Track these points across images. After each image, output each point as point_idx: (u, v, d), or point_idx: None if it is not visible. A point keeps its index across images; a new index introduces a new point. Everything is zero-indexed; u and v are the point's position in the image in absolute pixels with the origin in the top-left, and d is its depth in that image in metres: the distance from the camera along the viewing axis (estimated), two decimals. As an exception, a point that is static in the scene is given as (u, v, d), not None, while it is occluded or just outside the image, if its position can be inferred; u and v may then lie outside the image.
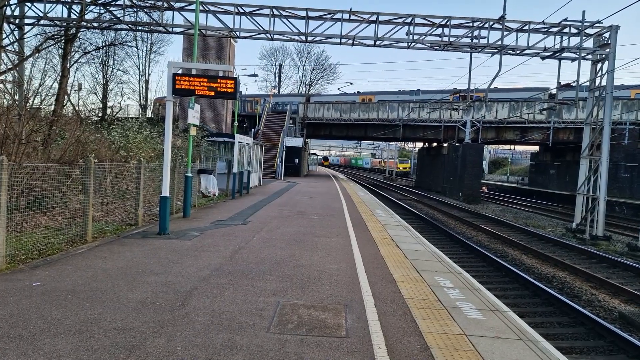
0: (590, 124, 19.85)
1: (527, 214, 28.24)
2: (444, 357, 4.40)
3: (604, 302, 10.04)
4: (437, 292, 6.67)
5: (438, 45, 19.80)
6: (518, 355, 4.56)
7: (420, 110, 40.11)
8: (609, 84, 18.51)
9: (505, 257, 14.62)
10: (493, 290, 9.81)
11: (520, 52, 19.40)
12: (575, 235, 19.39)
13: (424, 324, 5.30)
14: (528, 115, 36.99)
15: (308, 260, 8.15)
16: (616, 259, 14.26)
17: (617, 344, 7.43)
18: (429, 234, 17.69)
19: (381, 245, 10.08)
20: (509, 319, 5.68)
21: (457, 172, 36.67)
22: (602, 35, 18.79)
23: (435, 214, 25.99)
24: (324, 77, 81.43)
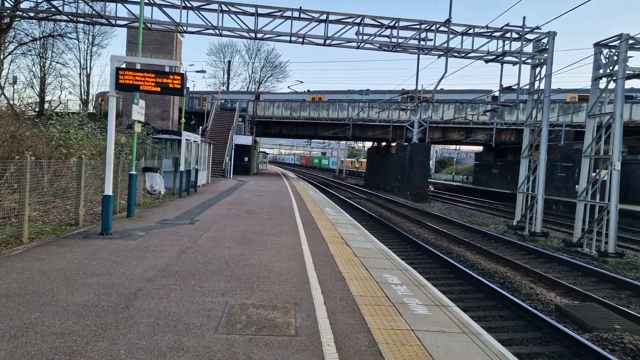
0: (529, 125, 20.72)
1: (472, 212, 29.19)
2: (391, 353, 4.47)
3: (542, 296, 10.50)
4: (385, 289, 6.77)
5: (387, 46, 20.12)
6: (461, 348, 4.70)
7: (369, 110, 40.66)
8: (546, 87, 19.39)
9: (450, 253, 15.04)
10: (439, 286, 10.06)
11: (465, 54, 20.01)
12: (516, 232, 20.21)
13: (372, 320, 5.37)
14: (472, 116, 38.23)
15: (257, 260, 8.08)
16: (553, 254, 14.98)
17: (553, 335, 7.80)
18: (378, 232, 17.95)
19: (331, 244, 10.13)
20: (453, 313, 5.84)
21: (405, 171, 37.43)
22: (541, 41, 19.67)
23: (384, 212, 26.41)
24: (274, 75, 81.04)
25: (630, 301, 10.51)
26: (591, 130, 16.91)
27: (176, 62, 12.26)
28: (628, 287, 11.39)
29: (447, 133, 41.01)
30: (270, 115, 42.25)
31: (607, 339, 7.82)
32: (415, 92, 29.85)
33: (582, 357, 6.95)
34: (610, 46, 16.25)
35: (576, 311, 8.95)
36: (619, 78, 15.70)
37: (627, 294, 11.03)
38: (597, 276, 12.53)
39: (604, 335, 7.97)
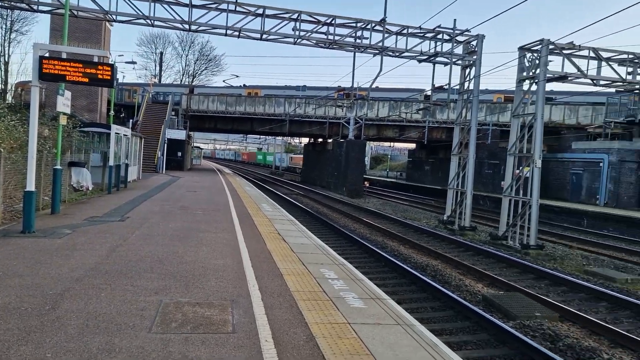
0: (459, 124, 21.60)
1: (405, 208, 30.04)
2: (328, 346, 4.53)
3: (470, 287, 11.00)
4: (323, 283, 6.84)
5: (323, 43, 20.24)
6: (396, 338, 4.84)
7: (306, 106, 40.79)
8: (475, 88, 20.28)
9: (385, 248, 15.41)
10: (374, 279, 10.29)
11: (400, 54, 20.52)
12: (447, 227, 21.03)
13: (310, 315, 5.41)
14: (406, 114, 39.29)
15: (193, 257, 7.91)
16: (480, 247, 15.72)
17: (481, 324, 8.19)
18: (315, 228, 18.07)
19: (268, 240, 10.10)
20: (388, 306, 6.00)
21: (341, 167, 37.90)
22: (470, 43, 20.52)
23: (320, 208, 26.62)
24: (208, 69, 79.32)
25: (549, 290, 11.22)
26: (515, 130, 17.86)
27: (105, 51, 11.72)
28: (547, 277, 12.16)
29: (382, 130, 41.91)
30: (205, 110, 41.39)
31: (528, 326, 8.31)
32: (351, 90, 30.30)
33: (507, 344, 7.35)
34: (533, 50, 17.23)
35: (501, 301, 9.45)
36: (540, 81, 16.68)
37: (546, 284, 11.78)
38: (520, 267, 13.28)
39: (526, 322, 8.46)
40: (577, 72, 16.98)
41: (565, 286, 11.44)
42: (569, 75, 17.01)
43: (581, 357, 7.08)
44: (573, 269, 13.72)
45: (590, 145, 32.71)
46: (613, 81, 17.69)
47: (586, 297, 10.65)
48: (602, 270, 13.37)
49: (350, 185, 36.35)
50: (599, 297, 10.49)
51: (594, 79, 17.29)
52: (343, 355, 4.35)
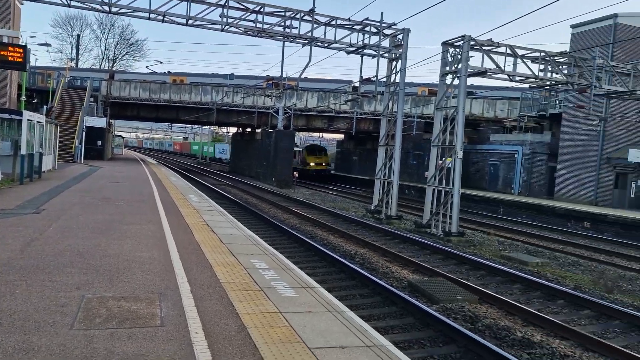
0: (386, 115, 22.15)
1: (334, 197, 30.47)
2: (260, 335, 4.52)
3: (397, 273, 11.38)
4: (253, 274, 6.80)
5: (252, 31, 19.95)
6: (326, 325, 4.92)
7: (234, 95, 40.12)
8: (401, 80, 20.85)
9: (315, 237, 15.57)
10: (305, 269, 10.37)
11: (329, 45, 20.64)
12: (374, 216, 21.57)
13: (241, 305, 5.37)
14: (335, 105, 39.71)
15: (117, 250, 7.58)
16: (406, 235, 16.28)
17: (407, 308, 8.51)
18: (244, 219, 17.91)
19: (196, 231, 9.88)
20: (319, 294, 6.07)
21: (270, 157, 37.74)
22: (397, 37, 21.04)
23: (249, 199, 26.40)
24: (130, 54, 75.75)
25: (469, 274, 11.85)
26: (439, 122, 18.58)
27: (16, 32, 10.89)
28: (467, 262, 12.83)
29: (311, 121, 42.11)
30: (127, 97, 39.60)
31: (450, 309, 8.74)
32: (280, 80, 30.15)
33: (431, 326, 7.68)
34: (455, 46, 17.94)
35: (425, 286, 9.85)
36: (462, 75, 17.44)
37: (466, 269, 12.42)
38: (443, 254, 13.90)
39: (449, 305, 8.89)
40: (495, 68, 17.89)
41: (484, 270, 12.12)
42: (488, 71, 17.89)
43: (498, 336, 7.54)
44: (491, 254, 14.55)
45: (506, 138, 34.72)
46: (527, 77, 18.81)
47: (502, 280, 11.34)
48: (516, 255, 14.29)
49: (280, 176, 36.32)
50: (514, 280, 11.22)
51: (511, 74, 18.29)
52: (275, 343, 4.37)
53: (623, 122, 26.79)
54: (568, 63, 19.52)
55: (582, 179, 28.48)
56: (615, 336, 8.03)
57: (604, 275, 12.23)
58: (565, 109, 29.60)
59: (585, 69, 19.38)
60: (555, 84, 20.15)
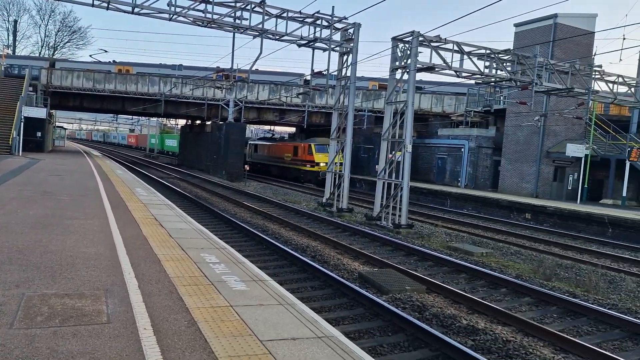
0: (337, 109, 22.28)
1: (286, 191, 30.41)
2: (211, 330, 4.48)
3: (347, 265, 11.52)
4: (204, 268, 6.71)
5: (201, 21, 19.54)
6: (278, 318, 4.93)
7: (183, 86, 39.21)
8: (352, 74, 21.02)
9: (266, 231, 15.51)
10: (256, 262, 10.33)
11: (280, 37, 20.52)
12: (326, 209, 21.71)
13: (191, 300, 5.29)
14: (286, 98, 39.56)
15: (59, 246, 7.29)
16: (357, 228, 16.49)
17: (357, 299, 8.64)
18: (194, 212, 17.62)
19: (144, 225, 9.63)
20: (270, 287, 6.07)
21: (221, 150, 37.21)
22: (348, 31, 21.17)
23: (199, 192, 25.97)
24: (72, 41, 72.35)
25: (417, 265, 12.15)
26: (389, 116, 18.88)
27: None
28: (416, 253, 13.15)
29: (262, 113, 41.79)
30: (69, 86, 37.93)
31: (399, 299, 8.94)
32: (231, 71, 29.71)
33: (380, 317, 7.84)
34: (404, 41, 18.25)
35: (375, 277, 10.03)
36: (411, 70, 17.77)
37: (415, 259, 12.73)
38: (392, 245, 14.18)
39: (398, 296, 9.10)
40: (443, 64, 18.33)
41: (432, 261, 12.46)
42: (436, 66, 18.32)
43: (444, 324, 7.79)
44: (438, 245, 14.96)
45: (454, 132, 35.72)
46: (473, 73, 19.38)
47: (449, 270, 11.71)
48: (462, 246, 14.77)
49: (230, 169, 35.90)
50: (460, 270, 11.60)
51: (458, 70, 18.80)
52: (226, 337, 4.34)
53: (561, 118, 28.13)
54: (511, 61, 20.25)
55: (524, 172, 29.72)
56: (552, 321, 8.46)
57: (543, 264, 12.83)
58: (509, 105, 30.75)
59: (527, 67, 20.18)
60: (499, 81, 20.90)
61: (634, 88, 24.00)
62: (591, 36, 29.20)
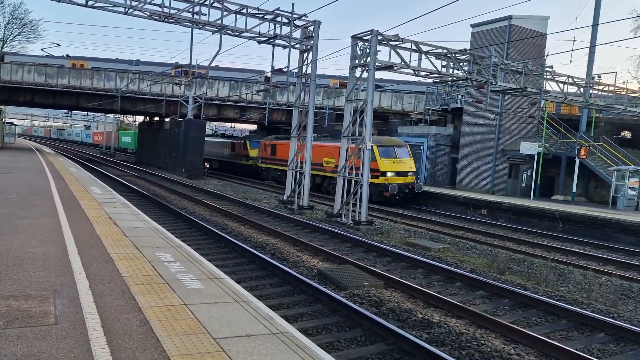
0: (298, 107, 22.27)
1: (246, 188, 30.17)
2: (163, 329, 4.41)
3: (307, 262, 11.55)
4: (158, 267, 6.60)
5: (158, 16, 19.13)
6: (233, 315, 4.91)
7: (140, 82, 38.32)
8: (313, 72, 21.05)
9: (225, 229, 15.37)
10: (214, 260, 10.24)
11: (239, 33, 20.33)
12: (286, 206, 21.68)
13: (144, 299, 5.20)
14: (247, 95, 39.25)
15: (5, 246, 7.02)
16: (317, 225, 16.54)
17: (316, 296, 8.68)
18: (151, 211, 17.28)
19: (97, 224, 9.38)
20: (227, 285, 6.03)
21: (180, 147, 36.60)
22: (308, 28, 21.17)
23: (157, 190, 25.47)
24: (23, 35, 69.31)
25: (376, 261, 12.30)
26: (349, 114, 19.01)
27: None
28: (375, 250, 13.30)
29: (222, 110, 41.32)
30: (20, 81, 36.47)
31: (358, 294, 9.04)
32: (189, 67, 29.23)
33: (338, 312, 7.91)
34: (364, 39, 18.40)
35: (334, 273, 10.10)
36: (370, 68, 17.94)
37: (374, 255, 12.88)
38: (352, 242, 14.30)
39: (356, 291, 9.19)
40: (401, 63, 18.59)
41: (390, 257, 12.64)
42: (395, 65, 18.55)
43: (400, 318, 7.93)
44: (397, 241, 15.19)
45: (413, 130, 36.26)
46: (431, 72, 19.73)
47: (407, 266, 11.91)
48: (420, 241, 15.05)
49: (190, 166, 35.36)
50: (417, 265, 11.82)
51: (416, 69, 19.11)
52: (179, 335, 4.29)
53: (516, 117, 29.02)
54: (468, 60, 20.72)
55: (480, 169, 30.50)
56: (504, 313, 8.74)
57: (497, 258, 13.22)
58: (466, 104, 31.47)
59: (483, 67, 20.71)
60: (456, 80, 21.35)
61: (583, 88, 24.98)
62: (544, 38, 30.21)
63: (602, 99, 28.98)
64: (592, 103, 26.66)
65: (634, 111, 27.11)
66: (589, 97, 25.86)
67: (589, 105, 26.72)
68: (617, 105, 26.89)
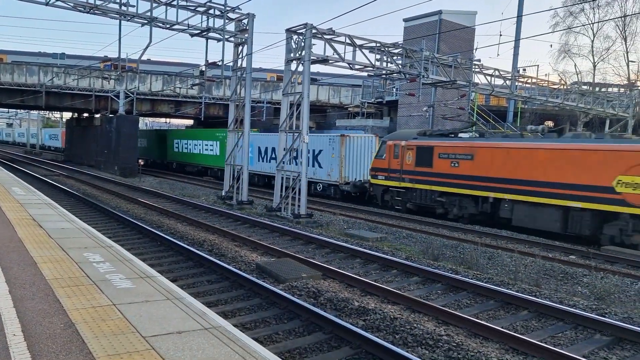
0: (234, 101, 21.99)
1: (184, 185, 29.51)
2: (90, 330, 4.26)
3: (245, 257, 11.47)
4: (86, 268, 6.35)
5: (83, 7, 18.23)
6: (164, 313, 4.81)
7: (66, 77, 36.44)
8: (248, 65, 20.82)
9: (161, 227, 14.97)
10: (149, 260, 9.98)
11: (170, 26, 19.73)
12: (225, 202, 21.39)
13: (70, 301, 4.99)
14: (181, 89, 38.28)
15: None
16: (256, 220, 16.45)
17: (254, 290, 8.65)
18: (81, 211, 16.57)
19: (19, 227, 8.88)
20: (159, 283, 5.90)
21: (112, 144, 35.24)
22: (242, 21, 20.89)
23: (88, 190, 24.41)
24: None
25: (315, 253, 12.41)
26: (285, 108, 18.98)
27: None
28: (314, 242, 13.41)
29: (156, 105, 40.08)
30: None
31: (296, 286, 9.09)
32: (119, 61, 28.12)
33: (277, 305, 7.93)
34: (299, 33, 18.39)
35: (273, 267, 10.10)
36: (305, 62, 17.97)
37: (313, 247, 12.99)
38: (291, 235, 14.34)
39: (294, 283, 9.24)
40: (336, 56, 18.74)
41: (329, 248, 12.79)
42: (330, 59, 18.67)
43: (338, 307, 8.05)
44: (336, 233, 15.38)
45: (351, 123, 36.74)
46: (365, 66, 20.02)
47: (345, 256, 12.09)
48: (358, 232, 15.31)
49: (123, 164, 34.14)
50: (355, 255, 12.02)
51: (351, 63, 19.31)
52: (106, 336, 4.15)
53: (447, 109, 30.04)
54: (401, 54, 21.20)
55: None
56: (437, 297, 9.08)
57: (431, 245, 13.69)
58: (400, 96, 32.25)
59: (415, 60, 21.25)
60: (390, 73, 21.78)
61: (509, 81, 26.24)
62: (472, 32, 31.44)
63: (526, 90, 30.54)
64: (518, 95, 28.05)
65: (555, 102, 28.79)
66: (515, 89, 27.17)
67: (514, 97, 28.09)
68: (540, 97, 28.44)
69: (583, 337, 7.29)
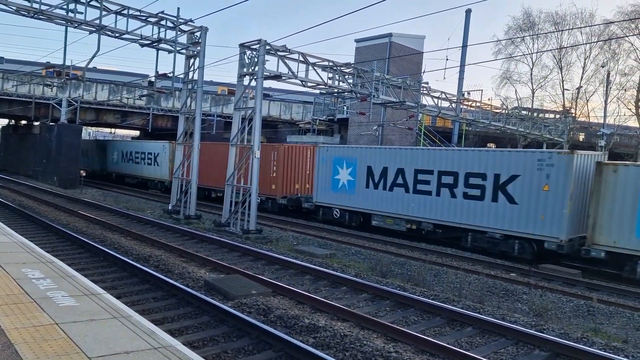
0: (184, 113, 21.65)
1: (128, 198, 28.61)
2: (31, 351, 4.05)
3: (193, 273, 11.23)
4: (25, 285, 6.04)
5: (27, 12, 17.52)
6: (110, 332, 4.64)
7: (4, 82, 34.74)
8: (199, 78, 20.62)
9: (104, 241, 14.43)
10: (91, 275, 9.60)
11: (120, 35, 19.28)
12: (172, 216, 20.89)
13: (8, 320, 4.73)
14: (128, 99, 37.33)
15: None
16: (204, 235, 16.16)
17: (202, 307, 8.48)
18: (17, 224, 15.75)
19: (-50, 240, 8.34)
20: (104, 300, 5.69)
21: (52, 154, 33.76)
22: (195, 34, 20.71)
23: (25, 201, 23.22)
24: None
25: (265, 269, 12.31)
26: (237, 122, 18.88)
27: None
28: (263, 258, 13.31)
29: (101, 115, 38.86)
30: None
31: (245, 303, 8.98)
32: (63, 68, 27.12)
33: (226, 323, 7.80)
34: (252, 48, 18.43)
35: (222, 283, 9.94)
36: (258, 77, 17.99)
37: (262, 263, 12.89)
38: (240, 251, 14.17)
39: (244, 300, 9.13)
40: (289, 73, 18.88)
41: (279, 264, 12.72)
42: (283, 75, 18.79)
43: (288, 325, 8.01)
44: (286, 249, 15.32)
45: (302, 139, 36.91)
46: (318, 84, 20.27)
47: (295, 273, 12.06)
48: (308, 248, 15.33)
49: (63, 175, 32.74)
50: (305, 272, 12.02)
51: (303, 80, 19.50)
52: (49, 357, 3.96)
53: (396, 129, 30.82)
54: (352, 73, 21.62)
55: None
56: (386, 314, 9.21)
57: (380, 262, 13.88)
58: (351, 115, 32.80)
59: (366, 80, 21.73)
60: (341, 92, 22.15)
61: (454, 104, 27.25)
62: (420, 55, 32.51)
63: (470, 113, 31.82)
64: (462, 117, 29.14)
65: (497, 125, 30.11)
66: (460, 111, 28.24)
67: (459, 119, 29.16)
68: (483, 120, 29.67)
69: (524, 352, 7.58)
